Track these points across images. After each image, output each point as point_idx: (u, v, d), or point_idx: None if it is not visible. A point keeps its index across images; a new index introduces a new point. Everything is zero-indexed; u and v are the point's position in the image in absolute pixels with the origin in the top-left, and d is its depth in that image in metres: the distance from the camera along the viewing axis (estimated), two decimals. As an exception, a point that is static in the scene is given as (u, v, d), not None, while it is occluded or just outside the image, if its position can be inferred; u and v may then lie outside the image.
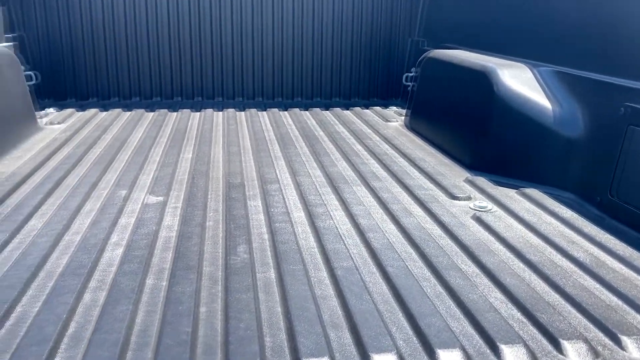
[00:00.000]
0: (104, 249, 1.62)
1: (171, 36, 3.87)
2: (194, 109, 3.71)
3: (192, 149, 2.70)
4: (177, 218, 1.86)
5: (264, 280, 1.47)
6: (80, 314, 1.29)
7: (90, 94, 3.90)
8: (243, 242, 1.68)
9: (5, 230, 1.71)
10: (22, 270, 1.47)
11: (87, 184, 2.14)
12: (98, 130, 3.02)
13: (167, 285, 1.43)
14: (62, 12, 3.74)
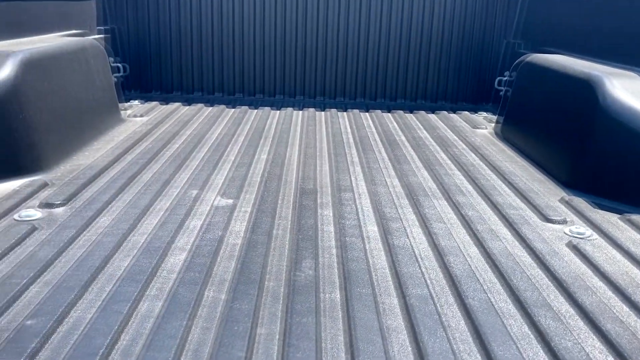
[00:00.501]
0: (167, 254, 1.56)
1: (256, 33, 3.83)
2: (275, 106, 3.65)
3: (268, 150, 2.63)
4: (245, 224, 1.78)
5: (328, 303, 1.35)
6: (134, 326, 1.22)
7: (174, 87, 3.93)
8: (309, 257, 1.57)
9: (74, 226, 1.69)
10: (83, 272, 1.43)
11: (160, 182, 2.11)
12: (178, 125, 3.02)
13: (226, 299, 1.34)
14: (152, 6, 3.79)
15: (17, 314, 1.24)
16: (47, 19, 2.89)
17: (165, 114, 3.26)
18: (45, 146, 2.22)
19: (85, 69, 2.72)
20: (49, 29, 2.90)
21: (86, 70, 2.73)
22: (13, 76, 2.09)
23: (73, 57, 2.61)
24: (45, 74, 2.31)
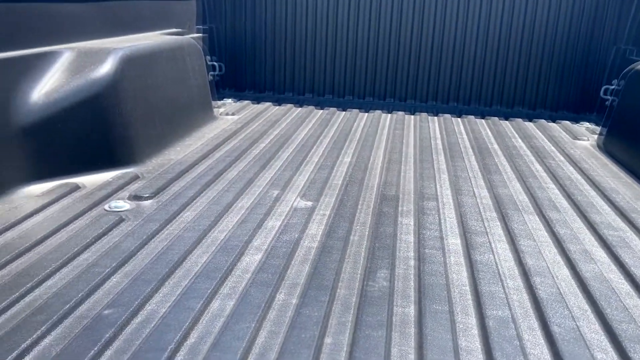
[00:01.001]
0: (243, 253, 1.57)
1: (349, 36, 3.81)
2: (364, 109, 3.61)
3: (352, 153, 2.60)
4: (323, 227, 1.76)
5: (401, 317, 1.29)
6: (204, 324, 1.23)
7: (267, 87, 4.00)
8: (385, 267, 1.52)
9: (158, 220, 1.74)
10: (161, 266, 1.46)
11: (244, 180, 2.13)
12: (266, 124, 3.06)
13: (297, 304, 1.32)
14: (249, 7, 3.87)
15: (97, 302, 1.29)
16: (149, 17, 3.03)
17: (255, 113, 3.31)
18: (139, 140, 2.32)
19: (182, 67, 2.82)
20: (151, 28, 3.03)
21: (182, 69, 2.83)
22: (112, 72, 2.19)
23: (170, 55, 2.71)
24: (143, 71, 2.41)
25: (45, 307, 1.24)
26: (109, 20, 2.63)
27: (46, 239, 1.59)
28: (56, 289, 1.32)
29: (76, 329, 1.18)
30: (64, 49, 2.19)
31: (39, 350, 1.11)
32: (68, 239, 1.59)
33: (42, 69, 2.08)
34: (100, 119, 2.16)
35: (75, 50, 2.22)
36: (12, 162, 1.91)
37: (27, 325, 1.17)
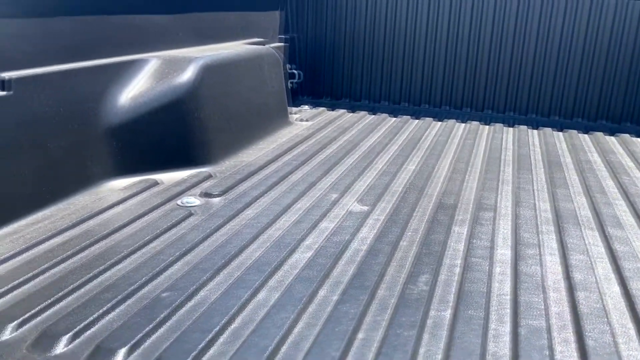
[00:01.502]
0: (294, 250, 1.67)
1: (426, 45, 3.84)
2: (437, 117, 3.62)
3: (418, 160, 2.64)
4: (374, 232, 1.83)
5: (434, 320, 1.34)
6: (248, 312, 1.34)
7: (343, 94, 4.10)
8: (428, 272, 1.56)
9: (222, 216, 1.89)
10: (218, 257, 1.60)
11: (306, 183, 2.24)
12: (338, 130, 3.16)
13: (336, 300, 1.40)
14: (329, 19, 4.00)
15: (157, 286, 1.43)
16: (232, 28, 3.22)
17: (329, 120, 3.42)
18: (215, 143, 2.49)
19: (259, 75, 2.98)
20: (233, 37, 3.23)
21: (260, 76, 2.99)
22: (193, 79, 2.38)
23: (248, 63, 2.88)
24: (221, 78, 2.59)
25: (113, 287, 1.41)
26: (194, 30, 2.84)
27: (122, 228, 1.77)
28: (124, 272, 1.49)
29: (137, 307, 1.33)
30: (151, 57, 2.40)
31: (103, 323, 1.27)
32: (141, 229, 1.76)
33: (130, 75, 2.30)
34: (180, 122, 2.35)
35: (160, 58, 2.42)
36: (101, 159, 2.13)
37: (96, 301, 1.34)
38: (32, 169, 1.82)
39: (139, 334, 1.22)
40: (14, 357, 1.13)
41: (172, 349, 1.18)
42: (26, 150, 1.80)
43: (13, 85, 1.76)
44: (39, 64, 1.89)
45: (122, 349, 1.16)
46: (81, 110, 2.03)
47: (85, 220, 1.80)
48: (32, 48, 1.87)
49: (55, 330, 1.21)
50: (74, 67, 2.02)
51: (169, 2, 2.61)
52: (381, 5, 3.87)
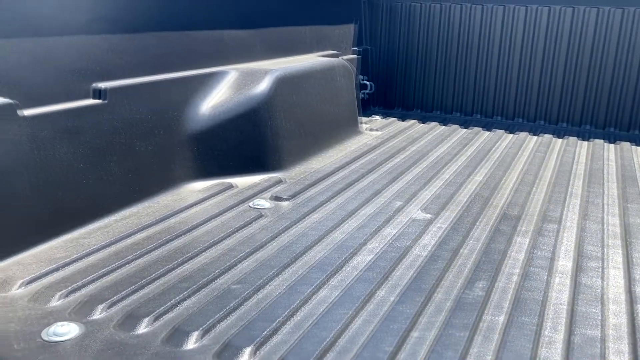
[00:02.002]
0: (356, 253, 1.76)
1: (499, 58, 3.83)
2: (510, 130, 3.60)
3: (485, 172, 2.65)
4: (436, 239, 1.88)
5: (488, 324, 1.39)
6: (309, 307, 1.44)
7: (415, 105, 4.15)
8: (485, 279, 1.60)
9: (290, 218, 2.00)
10: (285, 256, 1.71)
11: (372, 191, 2.32)
12: (407, 140, 3.22)
13: (393, 301, 1.47)
14: (403, 32, 4.07)
15: (229, 279, 1.56)
16: (307, 41, 3.36)
17: (399, 130, 3.49)
18: (286, 150, 2.62)
19: (331, 86, 3.10)
20: (308, 50, 3.37)
21: (332, 87, 3.10)
22: (267, 90, 2.52)
23: (321, 75, 3.00)
24: (294, 89, 2.72)
25: (189, 278, 1.55)
26: (271, 44, 3.00)
27: (200, 226, 1.92)
28: (200, 265, 1.63)
29: (210, 296, 1.46)
30: (230, 69, 2.57)
31: (180, 309, 1.41)
32: (216, 227, 1.90)
33: (211, 86, 2.48)
34: (254, 130, 2.50)
35: (239, 70, 2.59)
36: (183, 163, 2.31)
37: (174, 290, 1.48)
38: (123, 169, 2.01)
39: (211, 320, 1.34)
40: (102, 334, 1.29)
41: (240, 335, 1.29)
42: (118, 152, 1.99)
43: (108, 95, 1.96)
44: (130, 76, 2.09)
45: (195, 332, 1.29)
46: (166, 118, 2.22)
47: (167, 218, 1.96)
48: (125, 61, 2.07)
49: (138, 313, 1.36)
50: (161, 78, 2.21)
51: (247, 17, 2.78)
52: (454, 18, 3.91)
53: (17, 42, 1.68)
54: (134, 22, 2.09)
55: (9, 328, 1.29)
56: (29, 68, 1.72)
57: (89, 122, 1.88)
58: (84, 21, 1.89)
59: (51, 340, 1.25)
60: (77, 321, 1.33)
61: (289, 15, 3.15)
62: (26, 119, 1.67)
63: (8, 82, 1.66)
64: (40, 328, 1.29)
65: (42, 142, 1.72)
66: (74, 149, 1.82)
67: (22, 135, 1.65)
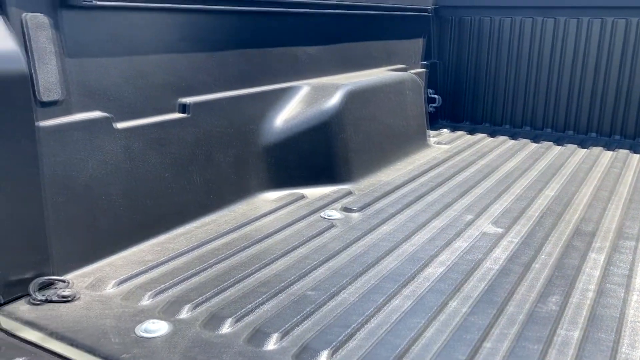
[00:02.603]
0: (428, 265, 1.79)
1: (573, 72, 3.76)
2: (581, 144, 3.52)
3: (557, 187, 2.62)
4: (507, 253, 1.88)
5: (562, 338, 1.39)
6: (383, 315, 1.49)
7: (484, 119, 4.12)
8: (559, 293, 1.60)
9: (361, 229, 2.06)
10: (357, 265, 1.76)
11: (441, 204, 2.34)
12: (476, 154, 3.21)
13: (466, 312, 1.50)
14: (473, 46, 4.06)
15: (304, 285, 1.63)
16: (377, 56, 3.42)
17: (467, 143, 3.48)
18: (356, 162, 2.68)
19: (400, 100, 3.14)
20: (378, 64, 3.43)
21: (401, 101, 3.15)
22: (338, 104, 2.60)
23: (390, 89, 3.05)
24: (363, 103, 2.78)
25: (267, 283, 1.63)
26: (342, 59, 3.08)
27: (274, 234, 2.01)
28: (276, 271, 1.71)
29: (286, 301, 1.53)
30: (303, 84, 2.67)
31: (259, 312, 1.49)
32: (290, 236, 1.98)
33: (285, 100, 2.58)
34: (325, 142, 2.58)
35: (311, 85, 2.68)
36: (257, 173, 2.41)
37: (253, 294, 1.56)
38: (203, 179, 2.13)
39: (289, 323, 1.41)
40: (189, 333, 1.38)
41: (317, 339, 1.35)
42: (199, 163, 2.11)
43: (191, 109, 2.08)
44: (212, 91, 2.21)
45: (275, 334, 1.37)
46: (244, 131, 2.33)
47: (243, 226, 2.06)
48: (207, 78, 2.20)
49: (221, 314, 1.45)
50: (240, 93, 2.33)
51: (320, 34, 2.88)
52: (525, 31, 3.87)
53: (113, 61, 1.83)
54: (216, 41, 2.22)
55: (106, 323, 1.41)
56: (123, 85, 1.86)
57: (175, 135, 2.01)
58: (171, 41, 2.02)
59: (144, 336, 1.36)
60: (166, 319, 1.43)
61: (359, 32, 3.23)
62: (120, 131, 1.81)
63: (105, 97, 1.80)
64: (133, 325, 1.40)
65: (134, 153, 1.86)
66: (161, 159, 1.96)
67: (116, 146, 1.79)
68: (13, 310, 1.46)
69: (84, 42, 1.74)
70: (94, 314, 1.45)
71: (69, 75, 1.69)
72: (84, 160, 1.70)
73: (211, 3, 2.18)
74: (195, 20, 2.12)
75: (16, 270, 1.51)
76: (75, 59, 1.71)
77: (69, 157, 1.66)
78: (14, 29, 1.53)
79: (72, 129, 1.66)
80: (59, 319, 1.42)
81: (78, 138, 1.68)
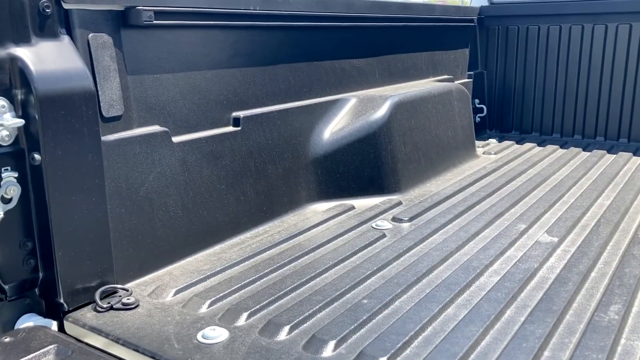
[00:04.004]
0: (482, 274, 1.78)
1: (627, 81, 3.67)
2: (637, 153, 3.42)
3: (613, 195, 2.55)
4: (563, 262, 1.85)
5: (624, 347, 1.36)
6: (439, 323, 1.49)
7: (533, 128, 4.06)
8: (620, 303, 1.56)
9: (412, 239, 2.06)
10: (410, 274, 1.76)
11: (493, 213, 2.32)
12: (526, 164, 3.16)
13: (523, 321, 1.48)
14: (519, 55, 4.01)
15: (358, 293, 1.65)
16: (424, 67, 3.43)
17: (517, 153, 3.43)
18: (404, 172, 2.69)
19: (448, 110, 3.13)
20: (424, 75, 3.43)
21: (448, 111, 3.14)
22: (386, 115, 2.61)
23: (437, 99, 3.05)
24: (411, 113, 2.79)
25: (321, 291, 1.65)
26: (389, 71, 3.10)
27: (326, 244, 2.03)
28: (330, 280, 1.73)
29: (342, 309, 1.55)
30: (350, 96, 2.70)
31: (315, 320, 1.51)
32: (342, 246, 2.00)
33: (334, 112, 2.61)
34: (373, 153, 2.59)
35: (359, 97, 2.70)
36: (307, 185, 2.44)
37: (309, 302, 1.58)
38: (255, 190, 2.18)
39: (345, 331, 1.43)
40: (248, 339, 1.41)
41: (373, 346, 1.36)
42: (252, 175, 2.16)
43: (243, 122, 2.14)
44: (263, 105, 2.27)
45: (332, 341, 1.38)
46: (294, 143, 2.37)
47: (295, 236, 2.09)
48: (259, 91, 2.26)
49: (278, 321, 1.48)
50: (290, 106, 2.37)
51: (367, 47, 2.91)
52: (574, 39, 3.80)
53: (170, 77, 1.90)
54: (266, 56, 2.28)
55: (168, 330, 1.45)
56: (179, 100, 1.93)
57: (228, 147, 2.06)
58: (224, 57, 2.09)
59: (204, 342, 1.40)
60: (225, 326, 1.47)
61: (405, 43, 3.25)
62: (177, 145, 1.88)
63: (163, 112, 1.87)
64: (194, 331, 1.44)
65: (190, 165, 1.92)
66: (216, 172, 2.01)
67: (174, 159, 1.86)
68: (79, 317, 1.53)
69: (143, 59, 1.81)
70: (155, 321, 1.50)
71: (130, 91, 1.77)
72: (144, 172, 1.77)
73: (261, 20, 2.24)
74: (246, 36, 2.18)
75: (82, 279, 1.58)
76: (135, 76, 1.79)
77: (130, 170, 1.73)
78: (81, 49, 1.61)
79: (132, 143, 1.74)
80: (123, 326, 1.48)
81: (138, 152, 1.75)
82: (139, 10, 1.74)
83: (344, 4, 2.66)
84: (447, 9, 3.73)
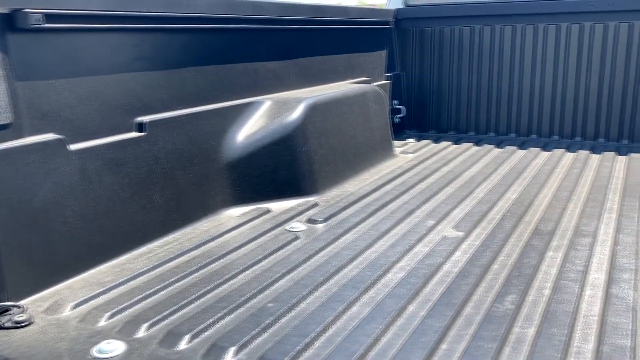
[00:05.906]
0: (388, 270, 1.80)
1: (534, 77, 3.85)
2: (546, 148, 3.59)
3: (519, 189, 2.66)
4: (467, 255, 1.91)
5: (517, 336, 1.41)
6: (342, 322, 1.49)
7: (450, 127, 4.18)
8: (516, 293, 1.62)
9: (324, 240, 2.06)
10: (318, 275, 1.77)
11: (404, 211, 2.37)
12: (440, 162, 3.25)
13: (423, 315, 1.51)
14: (435, 56, 4.13)
15: (264, 298, 1.63)
16: (339, 69, 3.46)
17: (432, 152, 3.52)
18: (321, 174, 2.70)
19: (363, 111, 3.17)
20: (341, 78, 3.47)
21: (364, 112, 3.18)
22: (300, 117, 2.62)
23: (353, 101, 3.08)
24: (326, 115, 2.81)
25: (227, 298, 1.62)
26: (304, 74, 3.11)
27: (237, 249, 2.01)
28: (237, 286, 1.70)
29: (245, 315, 1.53)
30: (265, 99, 2.68)
31: (217, 327, 1.48)
32: (253, 250, 1.98)
33: (247, 116, 2.59)
34: (289, 156, 2.59)
35: (273, 99, 2.70)
36: (221, 190, 2.41)
37: (212, 309, 1.56)
38: (164, 198, 2.13)
39: (247, 336, 1.41)
40: (146, 351, 1.37)
41: (274, 350, 1.35)
42: (159, 181, 2.11)
43: (148, 127, 2.08)
44: (170, 109, 2.22)
45: (232, 348, 1.36)
46: (205, 147, 2.33)
47: (206, 243, 2.06)
48: (165, 95, 2.20)
49: (179, 331, 1.44)
50: (199, 110, 2.33)
51: (281, 49, 2.90)
52: (485, 40, 3.95)
53: (66, 82, 1.82)
54: (172, 59, 2.23)
55: (61, 346, 1.39)
56: (76, 106, 1.86)
57: (132, 154, 2.00)
58: (125, 61, 2.03)
59: (99, 357, 1.34)
60: (123, 339, 1.42)
61: (321, 46, 3.26)
62: (75, 153, 1.80)
63: (58, 119, 1.80)
64: (88, 346, 1.39)
65: (90, 174, 1.85)
66: (119, 179, 1.95)
67: (71, 168, 1.78)
68: (-34, 339, 1.44)
69: (34, 64, 1.73)
70: (48, 338, 1.43)
71: (19, 98, 1.68)
72: (37, 183, 1.68)
73: (163, 22, 2.19)
74: (149, 39, 2.13)
75: (-31, 298, 1.49)
76: (25, 82, 1.70)
77: (22, 181, 1.64)
78: (-41, 54, 1.52)
79: (23, 152, 1.65)
80: (12, 345, 1.40)
81: (30, 161, 1.67)
82: (25, 13, 1.66)
83: (252, 6, 2.65)
84: (362, 11, 3.78)
